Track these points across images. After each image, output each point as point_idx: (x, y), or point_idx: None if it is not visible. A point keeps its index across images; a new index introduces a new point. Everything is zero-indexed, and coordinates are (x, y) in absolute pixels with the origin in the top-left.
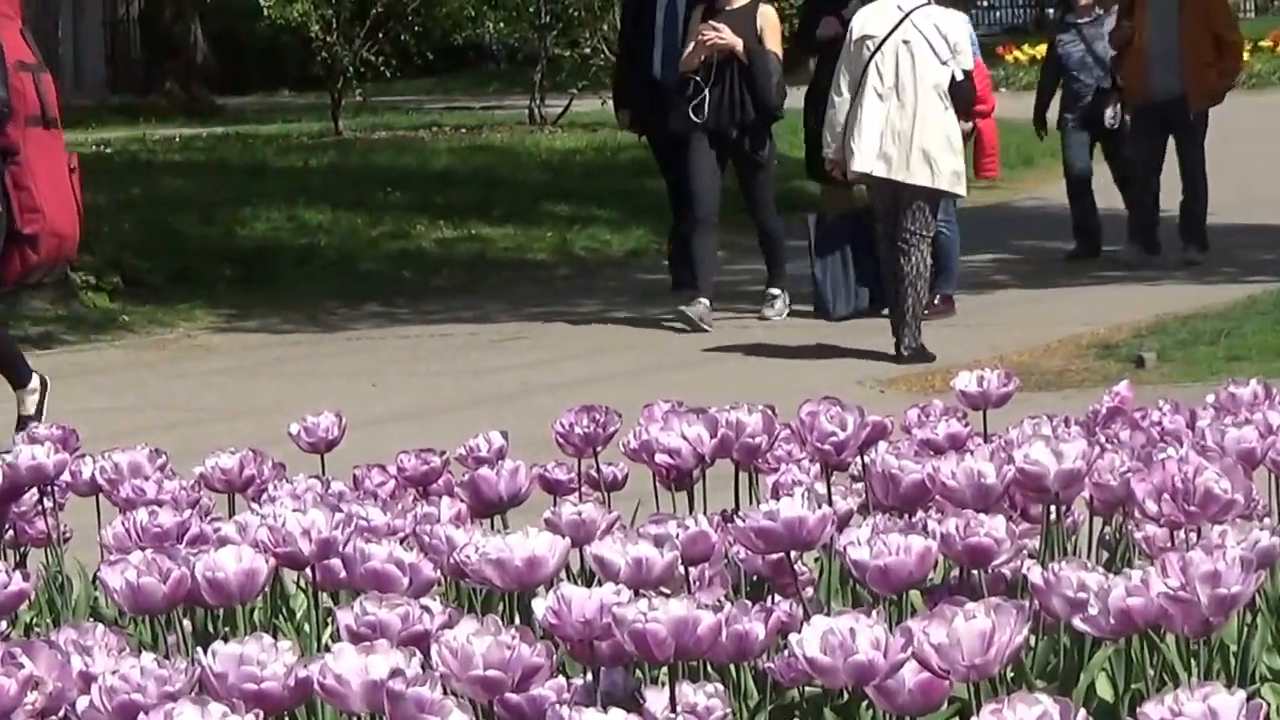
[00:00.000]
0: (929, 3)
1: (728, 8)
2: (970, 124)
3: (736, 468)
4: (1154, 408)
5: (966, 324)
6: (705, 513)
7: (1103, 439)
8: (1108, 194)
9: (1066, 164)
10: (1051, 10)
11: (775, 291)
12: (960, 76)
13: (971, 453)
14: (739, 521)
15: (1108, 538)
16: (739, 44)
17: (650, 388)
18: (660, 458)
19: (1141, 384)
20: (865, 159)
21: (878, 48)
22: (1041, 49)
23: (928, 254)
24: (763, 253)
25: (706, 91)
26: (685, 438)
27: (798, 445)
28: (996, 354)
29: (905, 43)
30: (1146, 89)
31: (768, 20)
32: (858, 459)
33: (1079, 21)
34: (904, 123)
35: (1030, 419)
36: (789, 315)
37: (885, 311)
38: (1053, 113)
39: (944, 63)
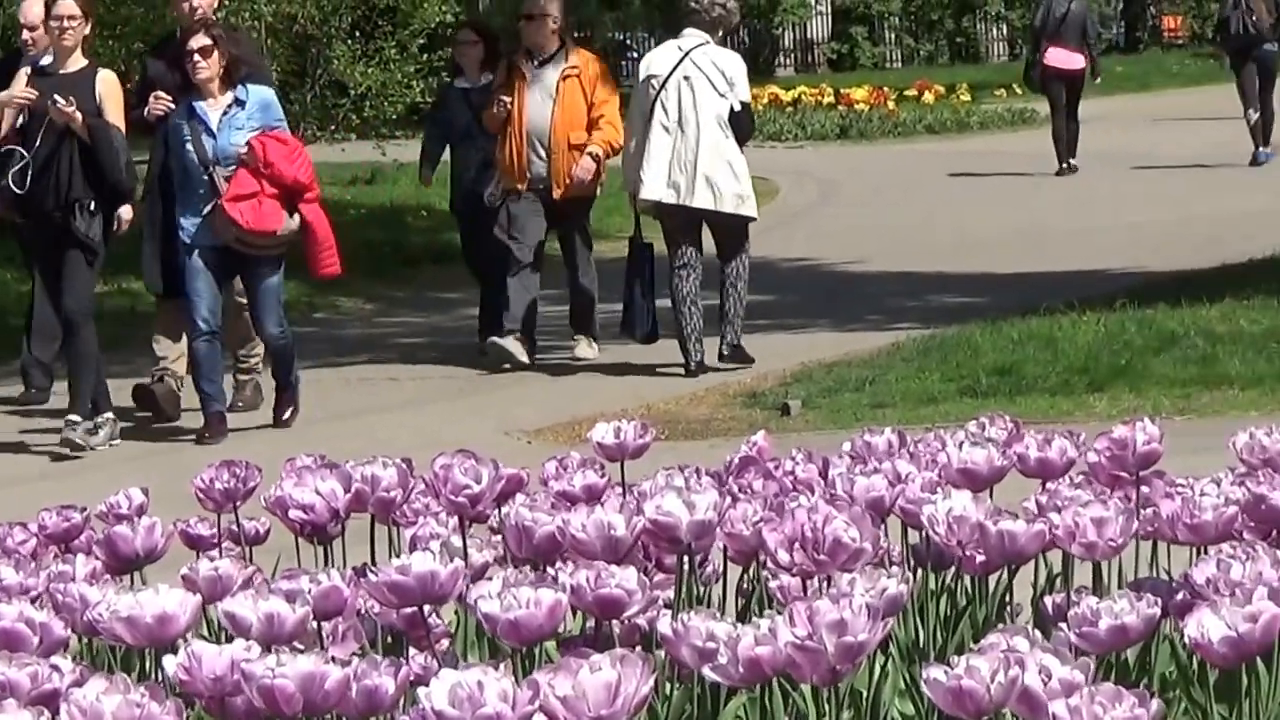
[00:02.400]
0: (706, 42)
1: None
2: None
3: (372, 521)
4: (788, 457)
5: (613, 374)
6: (346, 566)
7: (736, 489)
8: None
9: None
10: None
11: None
12: (739, 108)
13: (603, 505)
14: (372, 576)
15: (745, 587)
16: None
17: (299, 441)
18: (294, 513)
19: (787, 432)
20: (655, 187)
21: (662, 85)
22: None
23: (746, 261)
24: None
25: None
26: (319, 493)
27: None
28: (643, 403)
29: (686, 79)
30: (527, 172)
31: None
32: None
33: (465, 86)
34: (688, 152)
35: (664, 470)
36: (440, 366)
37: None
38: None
39: (722, 95)
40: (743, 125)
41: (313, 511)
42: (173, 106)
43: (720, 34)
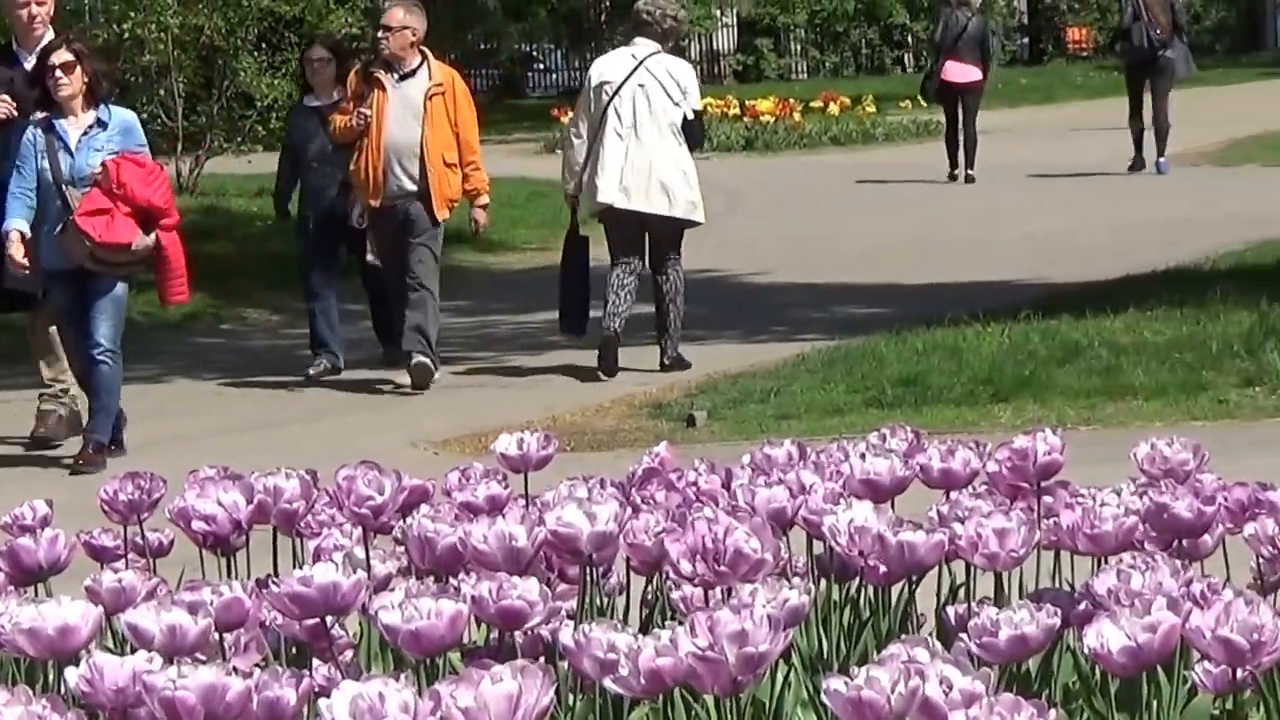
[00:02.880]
0: (659, 51)
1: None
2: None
3: (274, 533)
4: (691, 468)
5: (520, 385)
6: (250, 577)
7: (639, 500)
8: None
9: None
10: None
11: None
12: (691, 116)
13: (504, 516)
14: (274, 587)
15: (649, 597)
16: None
17: (204, 453)
18: (197, 525)
19: (693, 443)
20: (608, 192)
21: (615, 91)
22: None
23: (681, 272)
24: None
25: None
26: (222, 504)
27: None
28: (549, 414)
29: (641, 86)
30: (385, 189)
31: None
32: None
33: (317, 104)
34: (642, 158)
35: (567, 481)
36: (347, 377)
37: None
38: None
39: (676, 104)
40: (694, 133)
41: (215, 523)
42: (14, 112)
43: (670, 44)
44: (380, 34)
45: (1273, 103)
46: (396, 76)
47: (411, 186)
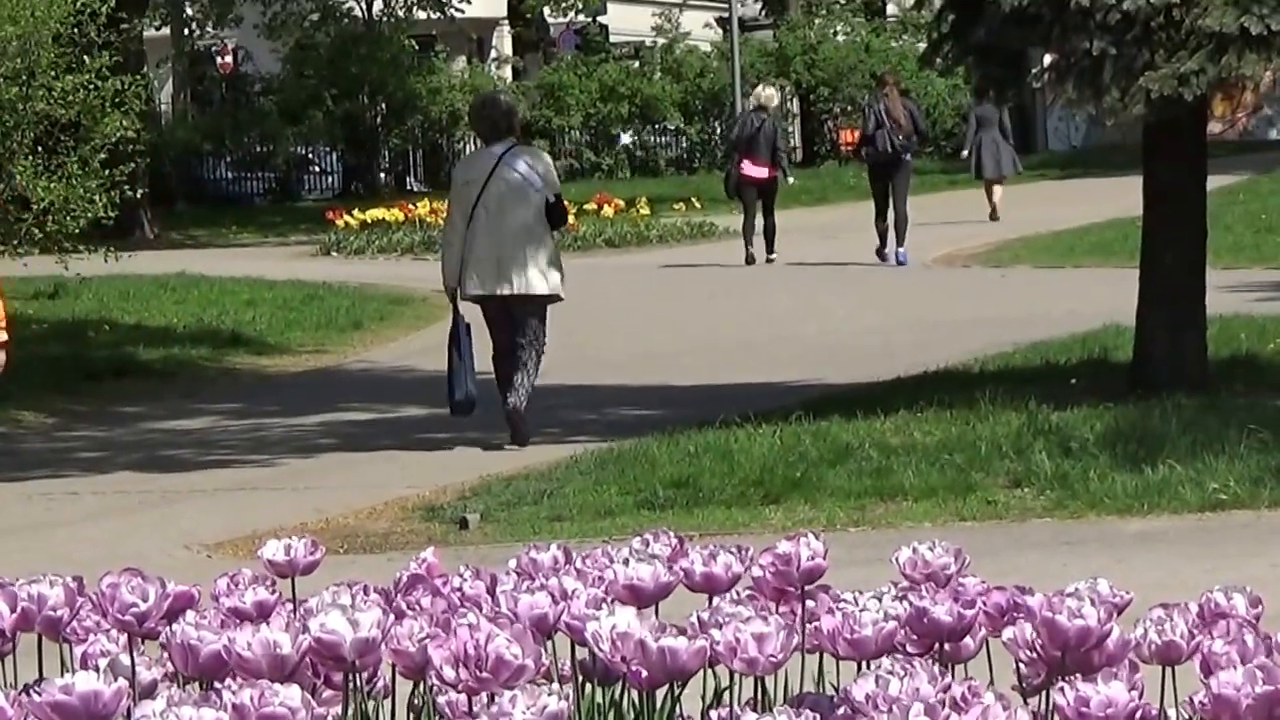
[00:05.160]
0: (515, 144)
1: None
2: None
3: (39, 640)
4: (456, 574)
5: (293, 487)
6: (18, 684)
7: (404, 605)
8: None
9: None
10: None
11: None
12: (553, 200)
13: (268, 622)
14: (35, 695)
15: (415, 702)
16: None
17: None
18: None
19: (465, 545)
20: (482, 281)
21: (482, 188)
22: (375, 212)
23: (541, 348)
24: None
25: None
26: None
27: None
28: (322, 517)
29: (504, 180)
30: None
31: None
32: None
33: None
34: (508, 245)
35: (333, 587)
36: (122, 479)
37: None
38: None
39: (538, 190)
40: (556, 215)
41: None
42: None
43: (518, 134)
44: None
45: (1042, 203)
46: None
47: None
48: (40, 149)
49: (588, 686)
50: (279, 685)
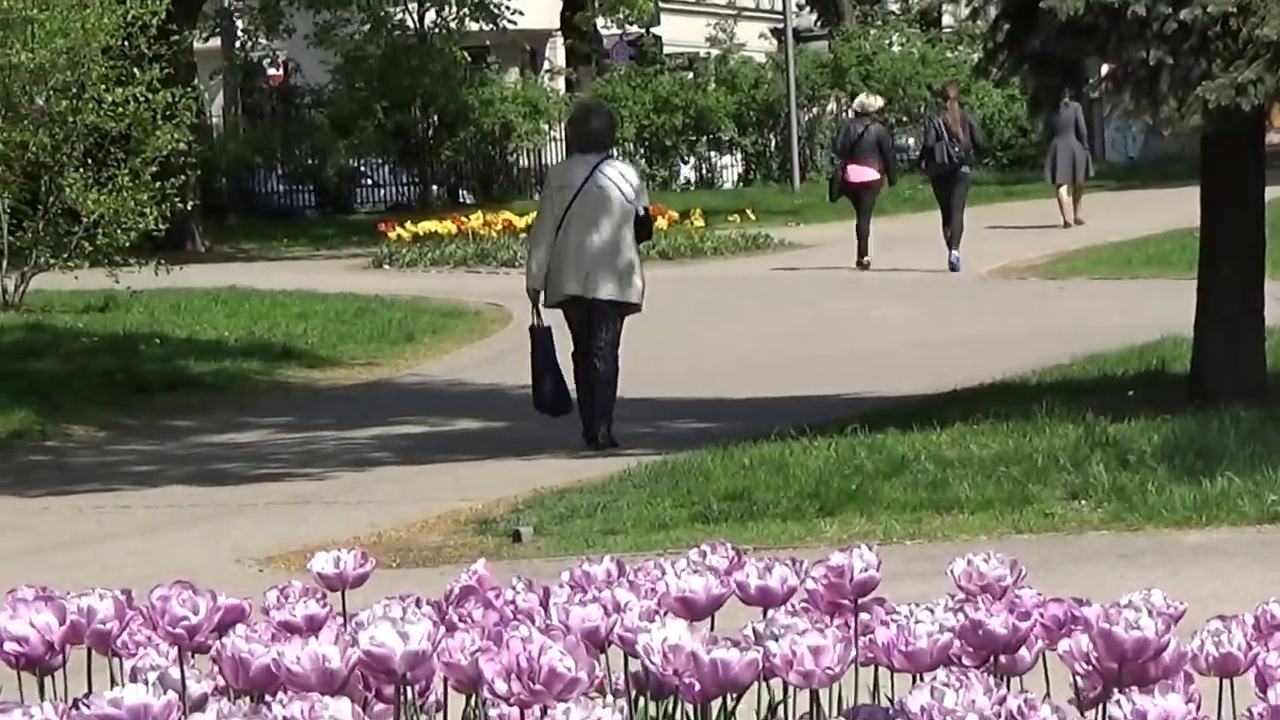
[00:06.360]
0: (610, 156)
1: None
2: None
3: (89, 653)
4: (508, 586)
5: (345, 501)
6: (69, 697)
7: (456, 618)
8: None
9: None
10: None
11: None
12: (642, 213)
13: (318, 636)
14: (84, 709)
15: (468, 715)
16: None
17: (27, 571)
18: (9, 646)
19: (519, 559)
20: (569, 285)
21: (576, 193)
22: (428, 225)
23: (618, 359)
24: None
25: None
26: (34, 625)
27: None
28: (374, 531)
29: (598, 188)
30: None
31: None
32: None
33: None
34: (599, 254)
35: (385, 600)
36: (174, 492)
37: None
38: None
39: (630, 202)
40: (645, 227)
41: (27, 644)
42: None
43: (610, 149)
44: None
45: (1100, 215)
46: None
47: None
48: (90, 161)
49: (641, 700)
50: (329, 698)
